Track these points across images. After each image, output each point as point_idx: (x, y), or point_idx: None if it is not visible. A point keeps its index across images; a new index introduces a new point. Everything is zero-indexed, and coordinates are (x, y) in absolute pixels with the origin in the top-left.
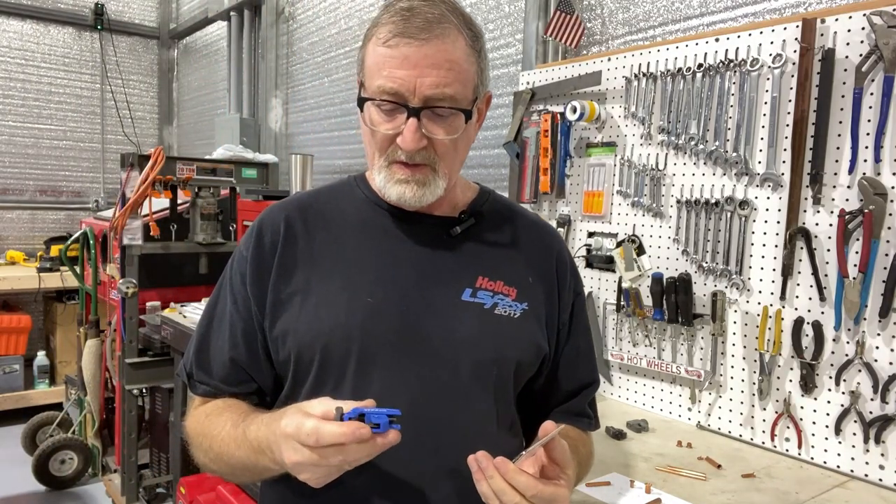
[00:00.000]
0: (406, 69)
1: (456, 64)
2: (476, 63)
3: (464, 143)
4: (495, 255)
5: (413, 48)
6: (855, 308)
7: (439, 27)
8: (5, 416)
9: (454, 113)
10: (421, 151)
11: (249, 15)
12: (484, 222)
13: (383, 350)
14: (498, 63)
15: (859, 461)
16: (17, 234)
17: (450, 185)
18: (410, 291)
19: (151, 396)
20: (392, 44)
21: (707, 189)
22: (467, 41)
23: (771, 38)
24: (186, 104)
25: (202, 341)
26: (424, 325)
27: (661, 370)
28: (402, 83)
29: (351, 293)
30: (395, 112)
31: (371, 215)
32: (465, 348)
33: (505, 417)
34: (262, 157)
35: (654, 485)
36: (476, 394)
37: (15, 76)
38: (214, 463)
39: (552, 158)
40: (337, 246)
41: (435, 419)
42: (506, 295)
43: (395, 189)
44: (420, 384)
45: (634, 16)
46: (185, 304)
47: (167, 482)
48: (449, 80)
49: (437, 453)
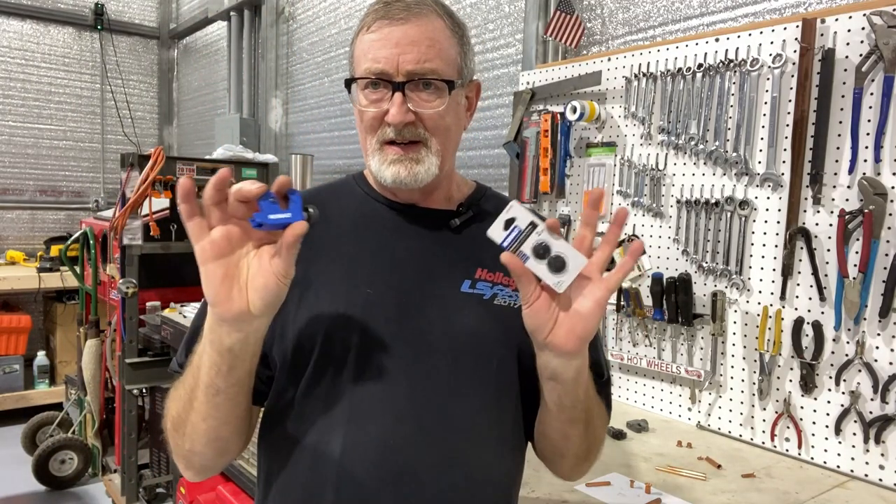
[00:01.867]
0: (388, 49)
1: (436, 41)
2: (458, 46)
3: (454, 123)
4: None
5: (393, 28)
6: (855, 308)
7: (417, 8)
8: (5, 416)
9: (438, 86)
10: (409, 127)
11: (249, 15)
12: (482, 215)
13: (383, 340)
14: (498, 63)
15: (859, 461)
16: (17, 234)
17: (444, 166)
18: (410, 283)
19: (151, 396)
20: (374, 28)
21: (707, 189)
22: (447, 24)
23: (771, 38)
24: (186, 104)
25: (195, 332)
26: (424, 315)
27: (661, 370)
28: (386, 61)
29: (350, 285)
30: (380, 90)
31: (370, 210)
32: (465, 339)
33: (506, 410)
34: (262, 157)
35: (654, 485)
36: (476, 384)
37: (15, 76)
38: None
39: (552, 158)
40: (336, 240)
41: (435, 409)
42: (505, 285)
43: (390, 170)
44: (420, 377)
45: (634, 16)
46: (185, 304)
47: (167, 482)
48: (430, 56)
49: (437, 443)
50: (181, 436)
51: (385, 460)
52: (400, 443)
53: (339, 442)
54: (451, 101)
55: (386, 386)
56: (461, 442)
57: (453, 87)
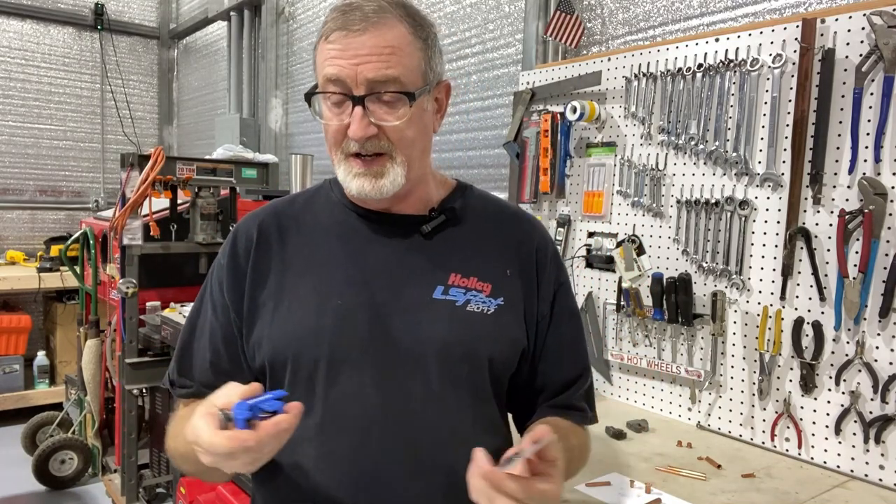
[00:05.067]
0: (346, 59)
1: (397, 49)
2: (421, 50)
3: (420, 131)
4: (469, 251)
5: (351, 38)
6: (855, 308)
7: (375, 16)
8: (5, 416)
9: (399, 97)
10: (373, 140)
11: (249, 15)
12: (458, 218)
13: (353, 353)
14: (498, 63)
15: (859, 461)
16: (17, 234)
17: (412, 174)
18: (381, 292)
19: (151, 396)
20: (332, 38)
21: (707, 189)
22: (408, 29)
23: (771, 38)
24: (186, 104)
25: (184, 348)
26: (394, 325)
27: (661, 370)
28: (342, 71)
29: (321, 296)
30: (342, 104)
31: (343, 217)
32: (434, 348)
33: (481, 417)
34: (262, 157)
35: (654, 485)
36: (448, 393)
37: (15, 76)
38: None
39: (552, 158)
40: (308, 249)
41: (407, 420)
42: (479, 291)
43: (354, 183)
44: (390, 386)
45: (634, 16)
46: (185, 304)
47: (167, 482)
48: (390, 64)
49: (409, 451)
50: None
51: (357, 469)
52: (372, 451)
53: (312, 453)
54: (415, 110)
55: (357, 395)
56: (434, 448)
57: (413, 98)
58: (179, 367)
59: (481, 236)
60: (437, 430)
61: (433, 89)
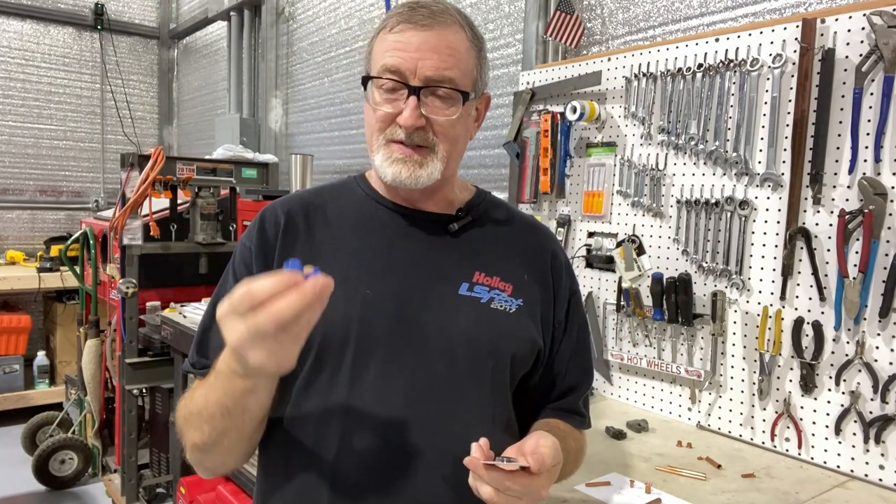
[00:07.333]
0: (409, 51)
1: (456, 51)
2: (476, 58)
3: (462, 133)
4: (492, 252)
5: (416, 33)
6: (855, 308)
7: (442, 17)
8: (5, 416)
9: (453, 96)
10: (419, 132)
11: (249, 15)
12: (481, 221)
13: (380, 341)
14: (498, 63)
15: (859, 461)
16: (17, 234)
17: (447, 172)
18: (408, 285)
19: (151, 396)
20: (398, 30)
21: (707, 189)
22: (468, 36)
23: (771, 38)
24: (186, 104)
25: (204, 332)
26: (422, 317)
27: (661, 370)
28: (403, 62)
29: (350, 285)
30: (396, 91)
31: (370, 211)
32: (462, 341)
33: (500, 413)
34: (262, 157)
35: (654, 485)
36: (471, 386)
37: (15, 76)
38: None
39: (552, 158)
40: (336, 240)
41: (430, 410)
42: (502, 290)
43: (392, 168)
44: (416, 375)
45: (634, 16)
46: (185, 304)
47: (167, 482)
48: (449, 65)
49: (432, 443)
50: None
51: (380, 458)
52: (395, 441)
53: (335, 440)
54: (463, 112)
55: (383, 385)
56: (457, 441)
57: (467, 98)
58: (199, 349)
59: (501, 240)
60: (460, 422)
61: (478, 98)
